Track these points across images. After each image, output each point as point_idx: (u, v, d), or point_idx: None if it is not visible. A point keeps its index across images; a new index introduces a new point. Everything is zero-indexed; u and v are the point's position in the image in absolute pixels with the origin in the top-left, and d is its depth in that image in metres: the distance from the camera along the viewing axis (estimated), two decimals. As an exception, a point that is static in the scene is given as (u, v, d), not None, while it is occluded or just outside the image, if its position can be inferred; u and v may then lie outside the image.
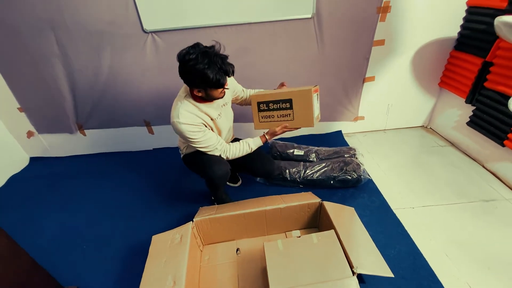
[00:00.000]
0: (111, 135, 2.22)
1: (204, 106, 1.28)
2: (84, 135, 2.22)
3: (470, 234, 1.35)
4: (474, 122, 1.80)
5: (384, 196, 1.60)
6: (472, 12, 1.74)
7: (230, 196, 1.63)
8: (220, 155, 1.35)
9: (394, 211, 1.50)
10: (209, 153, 1.34)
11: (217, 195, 1.57)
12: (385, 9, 1.75)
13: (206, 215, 1.29)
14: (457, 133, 2.00)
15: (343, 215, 1.27)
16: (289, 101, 1.30)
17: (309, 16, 1.73)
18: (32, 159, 2.32)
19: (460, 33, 1.86)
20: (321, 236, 1.10)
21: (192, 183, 1.85)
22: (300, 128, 1.35)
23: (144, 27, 1.71)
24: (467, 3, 1.74)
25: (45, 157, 2.32)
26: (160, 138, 2.23)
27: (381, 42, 1.88)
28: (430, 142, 2.11)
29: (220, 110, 1.36)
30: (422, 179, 1.73)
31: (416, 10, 1.77)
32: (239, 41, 1.80)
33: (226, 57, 1.14)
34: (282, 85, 1.46)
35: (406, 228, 1.40)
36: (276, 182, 1.71)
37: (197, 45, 1.13)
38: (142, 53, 1.82)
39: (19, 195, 1.93)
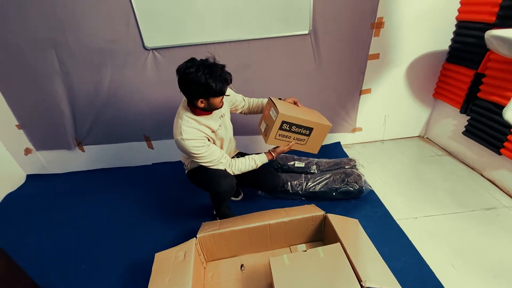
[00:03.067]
0: (110, 151, 2.21)
1: (204, 119, 1.30)
2: (83, 151, 2.21)
3: (474, 243, 1.36)
4: (470, 132, 1.83)
5: (386, 206, 1.60)
6: (462, 26, 1.82)
7: (232, 210, 1.62)
8: (225, 169, 1.36)
9: (397, 221, 1.50)
10: (213, 167, 1.34)
11: (220, 209, 1.55)
12: (379, 25, 1.82)
13: (209, 230, 1.27)
14: (454, 142, 2.03)
15: (347, 227, 1.26)
16: (311, 129, 1.37)
17: (306, 32, 1.78)
18: (29, 177, 2.28)
19: (451, 47, 1.93)
20: (327, 249, 1.09)
21: (193, 198, 1.83)
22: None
23: (145, 44, 1.74)
24: (457, 18, 1.82)
25: (42, 174, 2.29)
26: (159, 152, 2.23)
27: (376, 56, 1.94)
28: (427, 151, 2.14)
29: (220, 122, 1.38)
30: (422, 189, 1.74)
31: (408, 25, 1.84)
32: (239, 57, 1.84)
33: (223, 66, 1.20)
34: (294, 102, 1.46)
35: (411, 238, 1.39)
36: (278, 195, 1.71)
37: (193, 59, 1.18)
38: (143, 70, 1.84)
39: (16, 213, 1.89)
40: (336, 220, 1.26)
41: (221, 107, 1.29)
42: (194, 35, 1.74)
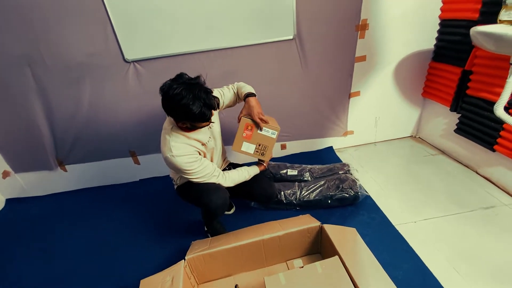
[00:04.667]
0: (95, 169, 2.10)
1: (193, 134, 1.23)
2: (65, 171, 2.09)
3: (476, 244, 1.31)
4: (462, 129, 1.81)
5: (383, 211, 1.55)
6: (445, 25, 1.82)
7: (224, 225, 1.53)
8: (218, 182, 1.29)
9: (396, 227, 1.44)
10: (205, 182, 1.27)
11: (211, 225, 1.47)
12: (363, 27, 1.80)
13: (199, 251, 1.19)
14: (446, 141, 2.01)
15: (345, 237, 1.19)
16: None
17: (291, 37, 1.75)
18: (8, 201, 2.15)
19: (436, 45, 1.92)
20: (325, 264, 1.02)
21: (183, 214, 1.74)
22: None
23: (125, 56, 1.68)
24: (440, 17, 1.82)
25: (22, 197, 2.16)
26: (146, 168, 2.13)
27: (363, 58, 1.92)
28: (420, 151, 2.11)
29: (209, 133, 1.32)
30: (419, 191, 1.69)
31: (393, 26, 1.83)
32: (224, 66, 1.79)
33: (210, 91, 1.12)
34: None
35: (411, 244, 1.33)
36: (272, 206, 1.63)
37: (180, 77, 1.11)
38: (124, 83, 1.77)
39: (-7, 242, 1.76)
40: (333, 231, 1.19)
41: (206, 125, 1.22)
42: (176, 45, 1.69)
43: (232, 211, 1.69)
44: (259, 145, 1.32)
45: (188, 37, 1.68)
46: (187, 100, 1.04)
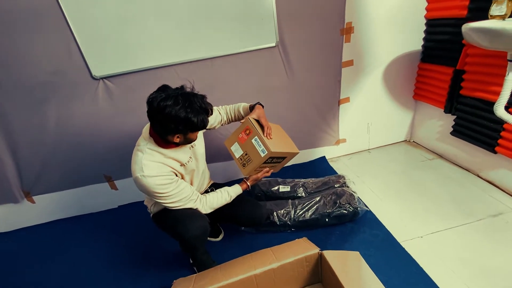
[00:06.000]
0: (67, 198, 1.90)
1: (171, 152, 1.09)
2: (33, 202, 1.88)
3: (491, 258, 1.18)
4: (458, 131, 1.72)
5: (386, 227, 1.41)
6: (432, 25, 1.75)
7: (212, 254, 1.36)
8: (196, 207, 1.15)
9: (402, 244, 1.31)
10: (181, 207, 1.11)
11: (196, 257, 1.29)
12: (348, 30, 1.72)
13: (181, 293, 1.01)
14: (443, 144, 1.92)
15: (348, 264, 1.05)
16: (285, 157, 1.33)
17: (273, 44, 1.64)
18: (-31, 241, 1.90)
19: (424, 46, 1.86)
20: (329, 302, 0.87)
21: (166, 244, 1.55)
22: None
23: (93, 73, 1.52)
24: (426, 16, 1.76)
25: (-15, 235, 1.93)
26: (125, 193, 1.94)
27: (350, 63, 1.83)
28: (417, 156, 2.01)
29: (190, 153, 1.17)
30: (421, 200, 1.58)
31: (378, 28, 1.75)
32: (204, 78, 1.65)
33: (203, 96, 1.02)
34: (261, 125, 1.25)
35: (421, 264, 1.20)
36: (264, 229, 1.47)
37: (166, 88, 0.99)
38: (94, 102, 1.60)
39: None
40: (334, 258, 1.04)
41: (195, 139, 1.11)
42: (149, 58, 1.55)
43: (220, 237, 1.52)
44: (246, 154, 1.21)
45: (163, 49, 1.54)
46: (184, 109, 0.94)
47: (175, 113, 0.93)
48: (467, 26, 1.22)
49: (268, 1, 1.52)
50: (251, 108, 1.28)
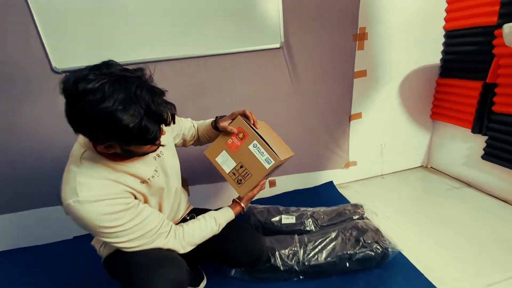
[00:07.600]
0: (11, 225, 1.47)
1: (124, 166, 0.73)
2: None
3: None
4: (491, 154, 1.47)
5: (425, 275, 1.06)
6: (453, 36, 1.59)
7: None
8: (168, 247, 0.78)
9: (452, 300, 0.96)
10: (145, 248, 0.74)
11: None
12: (362, 36, 1.52)
13: None
14: (470, 169, 1.65)
15: None
16: (280, 165, 1.01)
17: (278, 45, 1.41)
18: None
19: (443, 59, 1.67)
20: None
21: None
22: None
23: (53, 65, 1.22)
24: (445, 28, 1.60)
25: None
26: (84, 220, 1.53)
27: (363, 73, 1.61)
28: (439, 184, 1.72)
29: (155, 165, 0.82)
30: (459, 238, 1.25)
31: (393, 36, 1.57)
32: (193, 79, 1.38)
33: (161, 91, 0.65)
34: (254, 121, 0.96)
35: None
36: (262, 276, 1.09)
37: (105, 65, 0.62)
38: (53, 101, 1.27)
39: None
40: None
41: (154, 151, 0.76)
42: (128, 51, 1.27)
43: (202, 286, 1.11)
44: (241, 166, 0.89)
45: (145, 40, 1.28)
46: (113, 102, 0.57)
47: (98, 108, 0.57)
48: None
49: (274, -5, 1.32)
50: (214, 123, 0.99)
